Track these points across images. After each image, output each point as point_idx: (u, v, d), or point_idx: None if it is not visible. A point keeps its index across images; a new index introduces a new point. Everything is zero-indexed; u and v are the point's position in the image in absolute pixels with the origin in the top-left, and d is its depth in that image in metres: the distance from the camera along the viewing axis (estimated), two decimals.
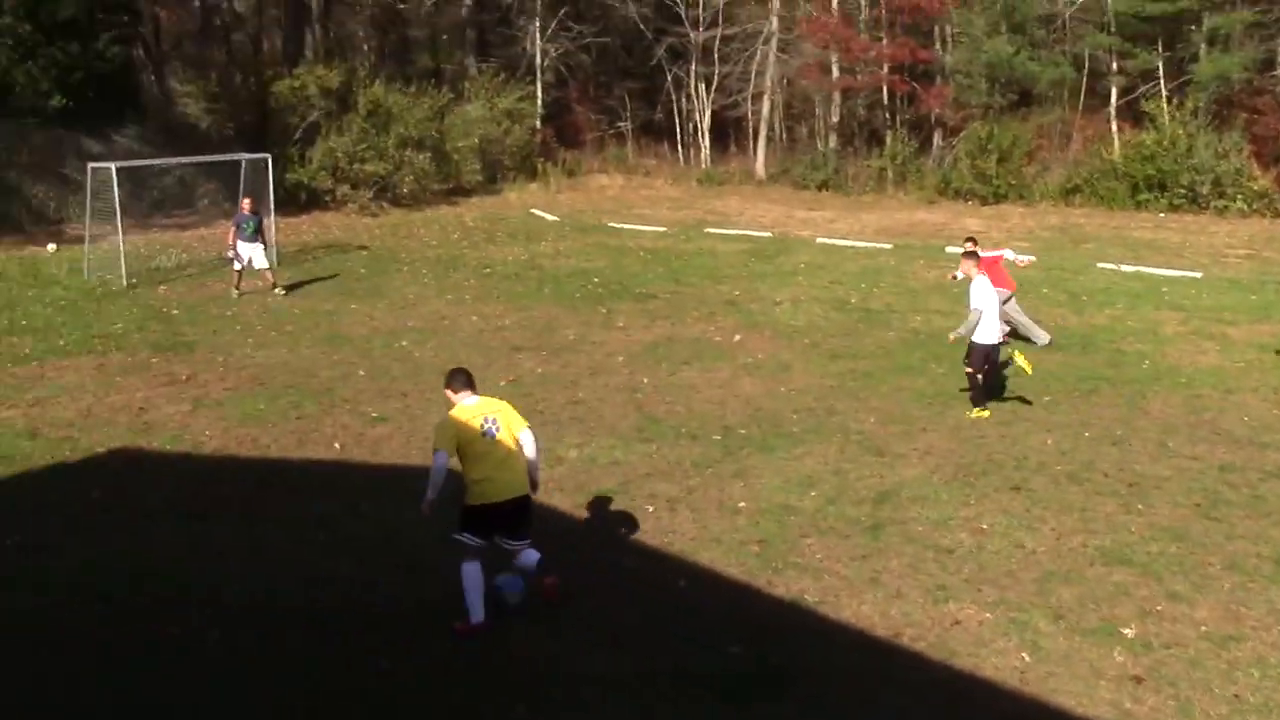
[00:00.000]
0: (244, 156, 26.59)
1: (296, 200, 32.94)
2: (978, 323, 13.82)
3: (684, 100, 46.22)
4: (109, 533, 10.31)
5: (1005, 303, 15.87)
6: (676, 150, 46.39)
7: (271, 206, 25.91)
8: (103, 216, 24.16)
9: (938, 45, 41.33)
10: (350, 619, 8.73)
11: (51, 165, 31.28)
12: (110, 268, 23.00)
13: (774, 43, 42.39)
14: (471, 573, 8.50)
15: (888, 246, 27.73)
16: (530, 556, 8.71)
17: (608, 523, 10.67)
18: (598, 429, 13.51)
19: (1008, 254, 18.10)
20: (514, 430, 8.68)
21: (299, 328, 18.98)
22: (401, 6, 50.53)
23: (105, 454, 12.65)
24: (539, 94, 43.85)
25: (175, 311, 20.19)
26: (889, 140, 40.65)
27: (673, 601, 9.06)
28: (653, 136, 47.49)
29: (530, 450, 8.71)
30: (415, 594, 9.17)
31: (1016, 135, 36.80)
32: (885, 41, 39.39)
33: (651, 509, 10.95)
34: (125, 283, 22.41)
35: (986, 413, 13.97)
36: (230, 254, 21.61)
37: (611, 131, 47.21)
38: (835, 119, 43.12)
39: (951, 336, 14.62)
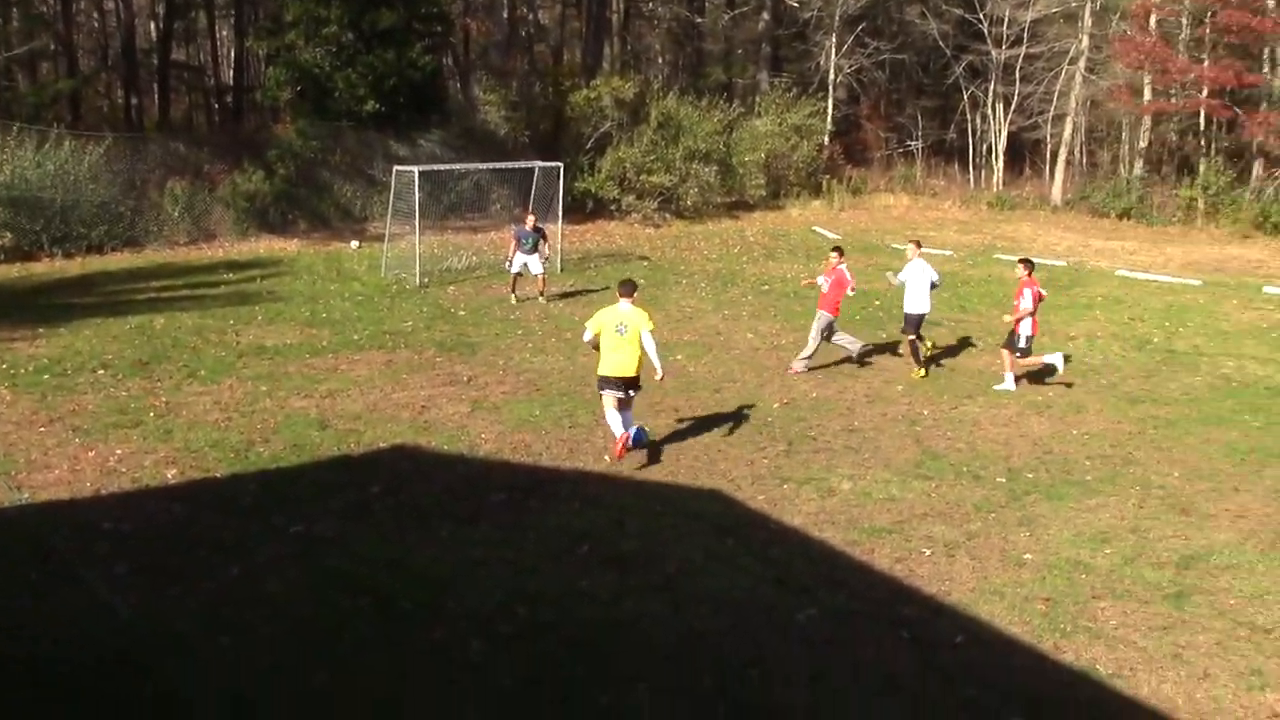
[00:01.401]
0: (538, 164, 27.28)
1: (583, 208, 33.60)
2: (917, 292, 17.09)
3: (979, 120, 44.60)
4: (382, 529, 10.51)
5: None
6: (968, 172, 44.79)
7: (560, 213, 26.48)
8: (402, 216, 25.32)
9: (1265, 69, 38.21)
10: (607, 638, 8.51)
11: (360, 166, 33.08)
12: (405, 266, 24.01)
13: (1082, 62, 40.27)
14: (610, 415, 12.73)
15: (1196, 283, 25.75)
16: (626, 418, 12.72)
17: (881, 564, 10.07)
18: (873, 461, 12.91)
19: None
20: (638, 331, 12.49)
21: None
22: (698, 21, 51.03)
23: (387, 449, 13.00)
24: (829, 110, 43.24)
25: (461, 313, 20.80)
26: (1202, 169, 37.87)
27: (950, 658, 8.40)
28: (943, 157, 46.08)
29: (648, 347, 12.55)
30: (678, 618, 8.86)
31: None
32: (1207, 63, 36.68)
33: (929, 552, 10.29)
34: (418, 282, 23.32)
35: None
36: (507, 264, 22.13)
37: (901, 150, 46.07)
38: (1143, 144, 40.58)
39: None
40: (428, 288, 23.09)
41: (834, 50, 43.39)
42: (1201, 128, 39.47)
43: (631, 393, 12.79)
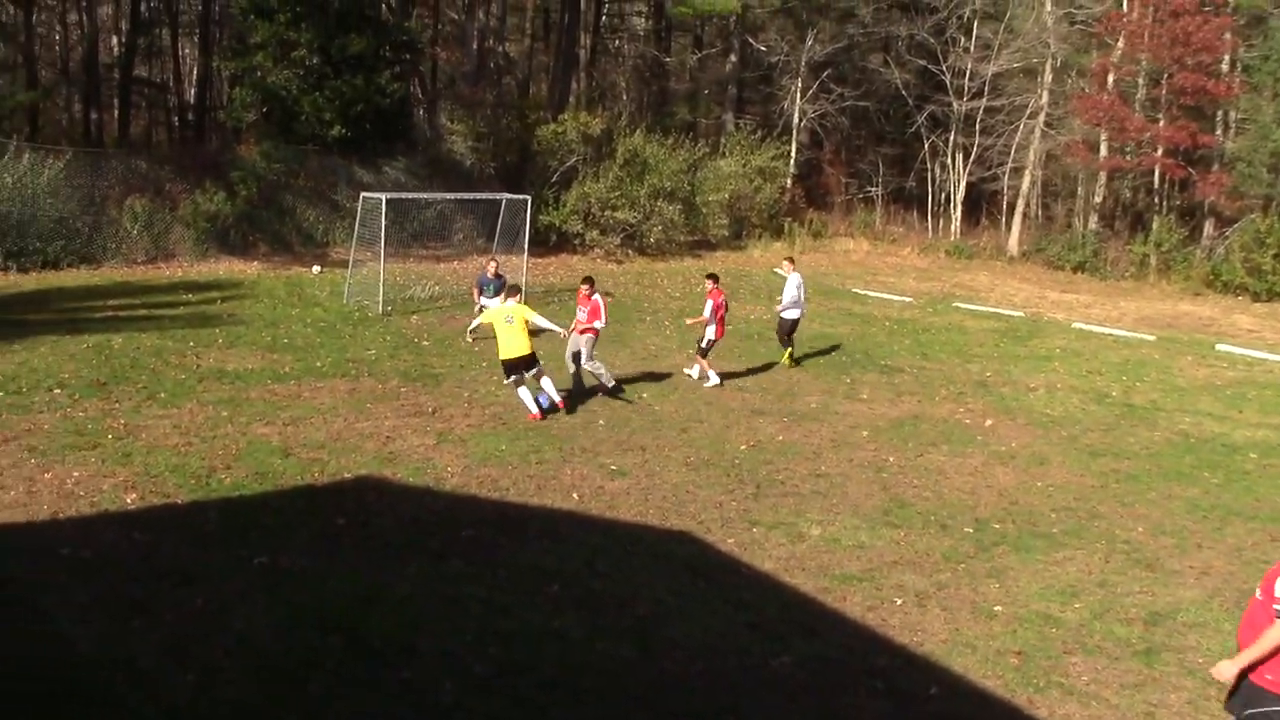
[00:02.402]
0: (505, 196, 27.23)
1: (546, 241, 33.58)
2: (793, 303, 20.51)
3: (939, 169, 45.18)
4: (351, 563, 10.32)
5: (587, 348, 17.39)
6: (926, 219, 45.31)
7: (525, 246, 26.42)
8: (365, 243, 25.15)
9: (1218, 130, 39.07)
10: (580, 681, 8.39)
11: (324, 191, 32.88)
12: (368, 293, 23.83)
13: (1041, 118, 40.99)
14: (521, 392, 15.87)
15: (1150, 338, 26.11)
16: (548, 383, 16.00)
17: (854, 612, 10.03)
18: (841, 507, 12.90)
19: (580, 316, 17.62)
20: (527, 319, 15.98)
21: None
22: (666, 60, 51.35)
23: (351, 480, 12.81)
24: (792, 153, 43.60)
25: (425, 342, 20.65)
26: (1155, 226, 38.61)
27: (924, 710, 8.35)
28: (902, 204, 46.65)
29: (539, 322, 16.26)
30: (651, 662, 8.76)
31: None
32: (1163, 123, 37.41)
33: (900, 602, 10.27)
34: (381, 309, 23.14)
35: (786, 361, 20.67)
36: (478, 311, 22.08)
37: (861, 195, 46.56)
38: (1098, 199, 41.30)
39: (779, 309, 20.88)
40: (390, 316, 22.92)
41: (799, 95, 43.86)
42: (1155, 185, 40.23)
43: (532, 370, 15.86)
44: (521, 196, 26.86)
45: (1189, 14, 35.58)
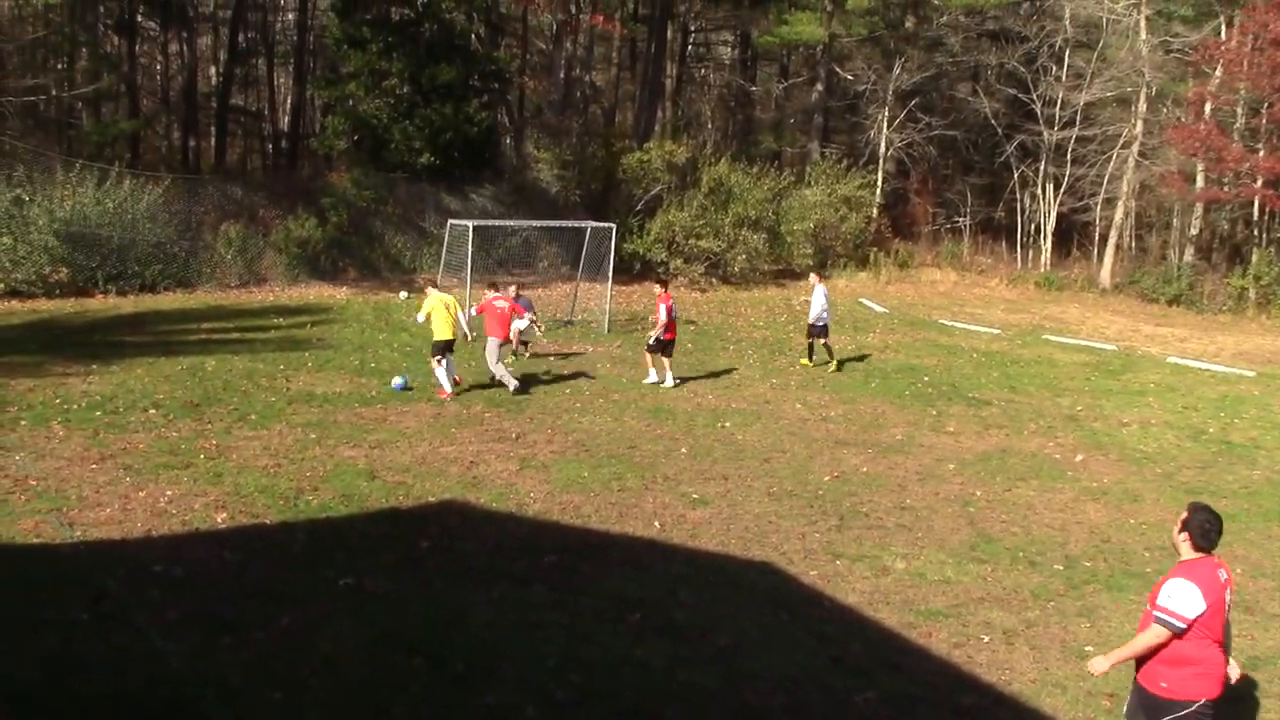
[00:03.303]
0: (590, 224, 27.39)
1: (630, 269, 33.70)
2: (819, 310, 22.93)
3: (1028, 199, 44.52)
4: (434, 586, 10.39)
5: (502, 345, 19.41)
6: (1015, 250, 44.64)
7: (610, 274, 26.53)
8: (452, 269, 25.44)
9: None
10: (662, 710, 8.32)
11: (411, 217, 33.40)
12: None
13: (1135, 148, 40.20)
14: (438, 370, 18.17)
15: (1250, 373, 25.40)
16: (451, 366, 18.42)
17: (939, 649, 9.85)
18: (926, 541, 12.69)
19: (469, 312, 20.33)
20: (456, 308, 18.46)
21: (625, 398, 19.11)
22: (752, 90, 51.40)
23: (436, 504, 12.91)
24: (879, 182, 43.31)
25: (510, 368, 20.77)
26: (1254, 258, 37.60)
27: None
28: (990, 234, 45.97)
29: (462, 318, 18.74)
30: (734, 693, 8.67)
31: None
32: (1263, 153, 36.51)
33: (987, 639, 10.05)
34: (467, 335, 23.29)
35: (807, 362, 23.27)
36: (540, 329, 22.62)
37: (948, 226, 46.01)
38: (1194, 231, 40.36)
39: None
40: (475, 341, 23.06)
41: (885, 124, 43.54)
42: (1255, 217, 39.23)
43: (450, 353, 18.42)
44: (606, 224, 27.01)
45: None
